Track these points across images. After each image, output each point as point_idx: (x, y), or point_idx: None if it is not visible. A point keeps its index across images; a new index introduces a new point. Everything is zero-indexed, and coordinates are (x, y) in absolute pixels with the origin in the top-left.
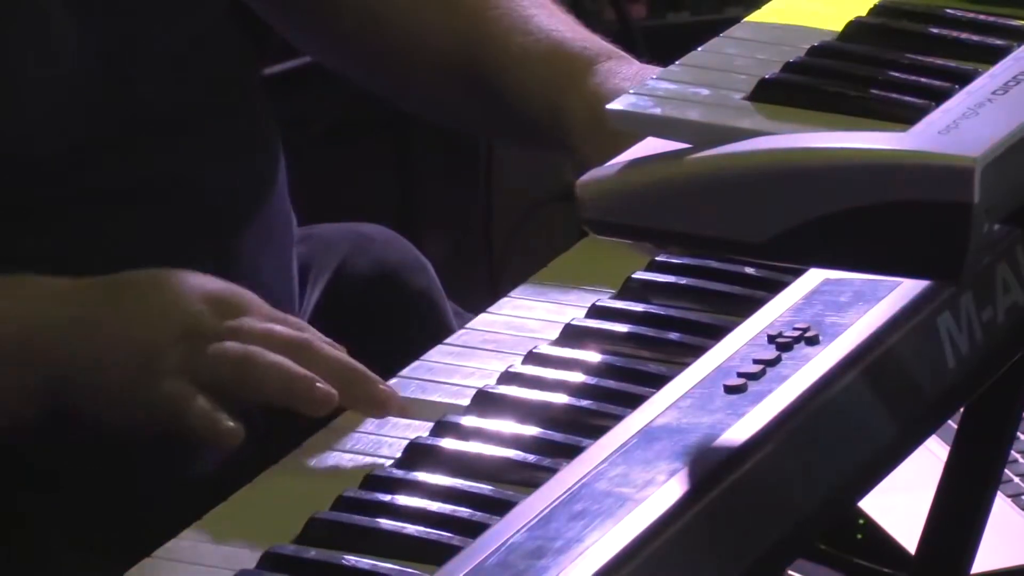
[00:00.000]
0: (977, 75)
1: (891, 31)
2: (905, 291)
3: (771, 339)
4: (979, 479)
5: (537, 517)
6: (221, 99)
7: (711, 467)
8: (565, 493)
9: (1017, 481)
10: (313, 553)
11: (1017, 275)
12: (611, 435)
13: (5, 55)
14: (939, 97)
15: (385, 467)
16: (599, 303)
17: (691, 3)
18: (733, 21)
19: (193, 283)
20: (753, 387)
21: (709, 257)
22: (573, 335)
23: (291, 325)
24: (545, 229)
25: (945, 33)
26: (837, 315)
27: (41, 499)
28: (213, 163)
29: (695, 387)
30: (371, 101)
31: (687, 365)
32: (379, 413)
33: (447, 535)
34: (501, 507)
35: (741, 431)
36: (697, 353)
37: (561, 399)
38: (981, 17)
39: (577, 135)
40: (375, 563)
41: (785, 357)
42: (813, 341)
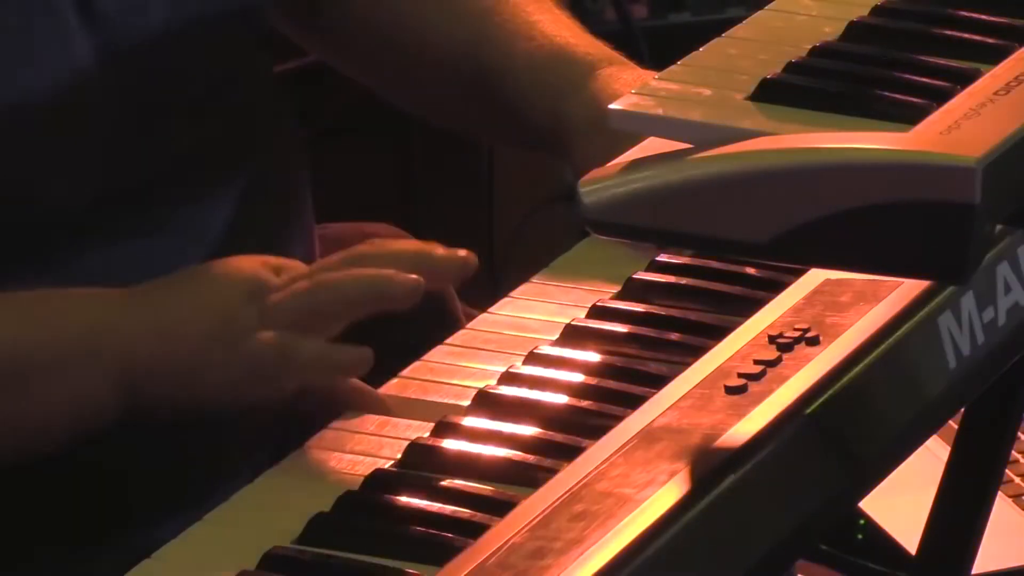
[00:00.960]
0: (979, 75)
1: (892, 31)
2: (906, 291)
3: (772, 339)
4: (980, 479)
5: (538, 517)
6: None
7: (712, 468)
8: (566, 493)
9: (1018, 481)
10: (314, 553)
11: (1018, 275)
12: (612, 435)
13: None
14: (941, 97)
15: (386, 467)
16: (600, 303)
17: (692, 3)
18: (734, 21)
19: (243, 258)
20: (753, 387)
21: (710, 257)
22: (574, 335)
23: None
24: (546, 229)
25: (946, 33)
26: (838, 315)
27: (43, 499)
28: (237, 204)
29: (696, 387)
30: (372, 102)
31: (688, 365)
32: (462, 277)
33: (448, 535)
34: (502, 507)
35: (742, 431)
36: (698, 353)
37: (562, 399)
38: (983, 17)
39: (577, 140)
40: (376, 563)
41: (786, 357)
42: (814, 341)
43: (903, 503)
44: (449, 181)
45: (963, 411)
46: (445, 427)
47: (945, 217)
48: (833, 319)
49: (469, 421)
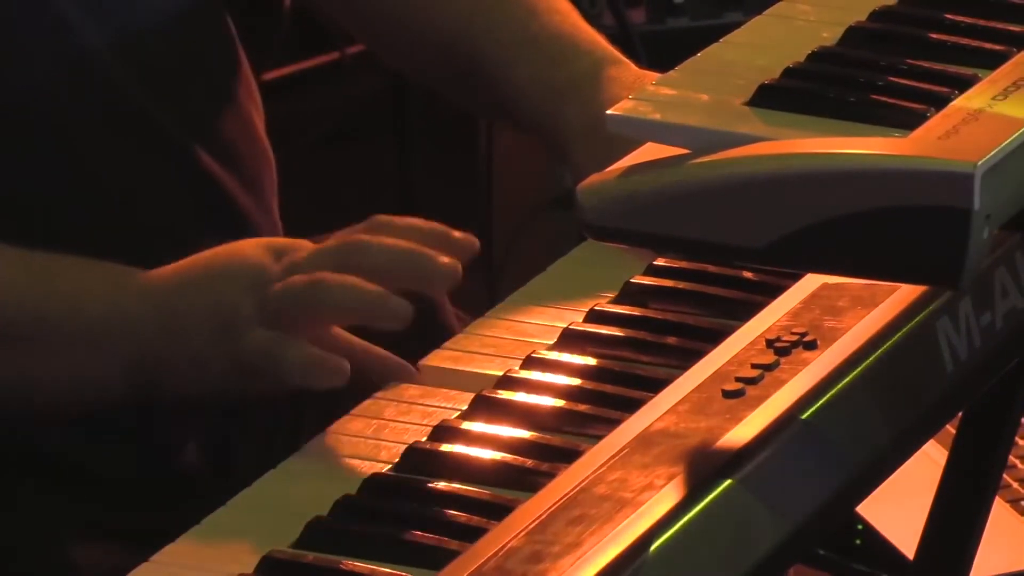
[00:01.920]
0: (977, 80)
1: (891, 36)
2: (903, 296)
3: (769, 344)
4: (977, 484)
5: (535, 521)
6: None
7: (709, 472)
8: (563, 498)
9: (1015, 486)
10: (312, 557)
11: (1016, 280)
12: (609, 439)
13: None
14: (939, 103)
15: (384, 471)
16: (598, 307)
17: (690, 8)
18: (732, 26)
19: (247, 242)
20: (751, 392)
21: (707, 261)
22: (571, 339)
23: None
24: (544, 233)
25: (945, 38)
26: (835, 320)
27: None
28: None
29: (693, 391)
30: (371, 104)
31: (685, 369)
32: (453, 280)
33: (445, 539)
34: (499, 511)
35: (739, 436)
36: (695, 357)
37: (559, 403)
38: (980, 23)
39: (575, 144)
40: (374, 567)
41: (783, 362)
42: (811, 346)
43: (900, 508)
44: (447, 185)
45: (960, 416)
46: (443, 431)
47: (943, 222)
48: (830, 323)
49: (467, 425)
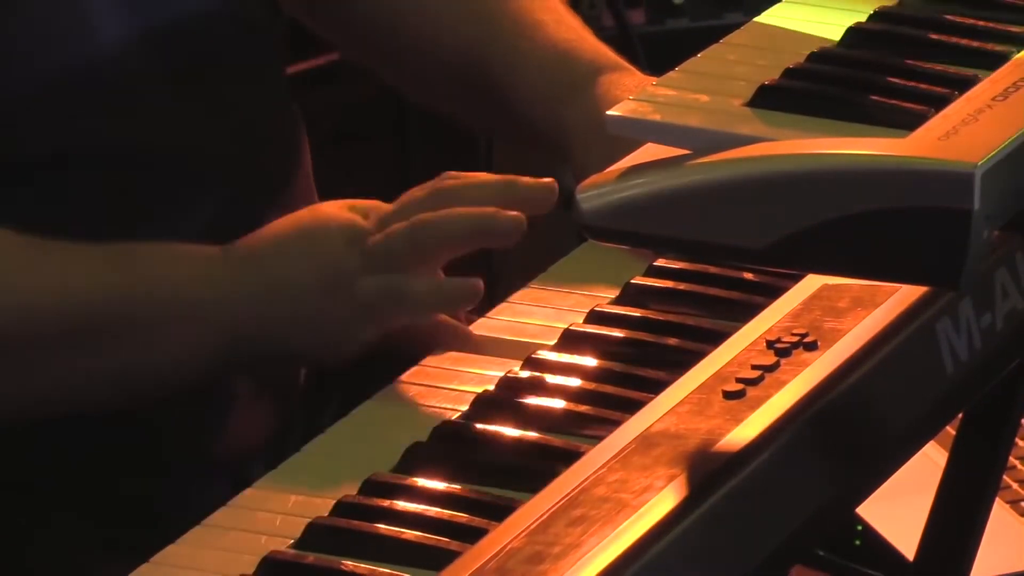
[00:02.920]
0: (977, 81)
1: (891, 37)
2: (904, 296)
3: (770, 344)
4: (977, 485)
5: (536, 522)
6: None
7: (709, 473)
8: (564, 498)
9: (1015, 487)
10: (312, 558)
11: (1016, 281)
12: (610, 440)
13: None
14: (939, 103)
15: (384, 472)
16: (598, 308)
17: (690, 9)
18: (732, 27)
19: (328, 204)
20: (752, 392)
21: (708, 262)
22: (572, 340)
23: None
24: (544, 234)
25: (944, 39)
26: (836, 320)
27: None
28: (227, 120)
29: (693, 392)
30: (371, 104)
31: (686, 370)
32: (548, 204)
33: (446, 540)
34: (500, 512)
35: (739, 437)
36: (696, 358)
37: (560, 404)
38: (980, 23)
39: (576, 146)
40: (374, 568)
41: (784, 363)
42: (812, 346)
43: (901, 509)
44: None
45: (961, 417)
46: (443, 431)
47: (943, 223)
48: (831, 324)
49: (467, 425)
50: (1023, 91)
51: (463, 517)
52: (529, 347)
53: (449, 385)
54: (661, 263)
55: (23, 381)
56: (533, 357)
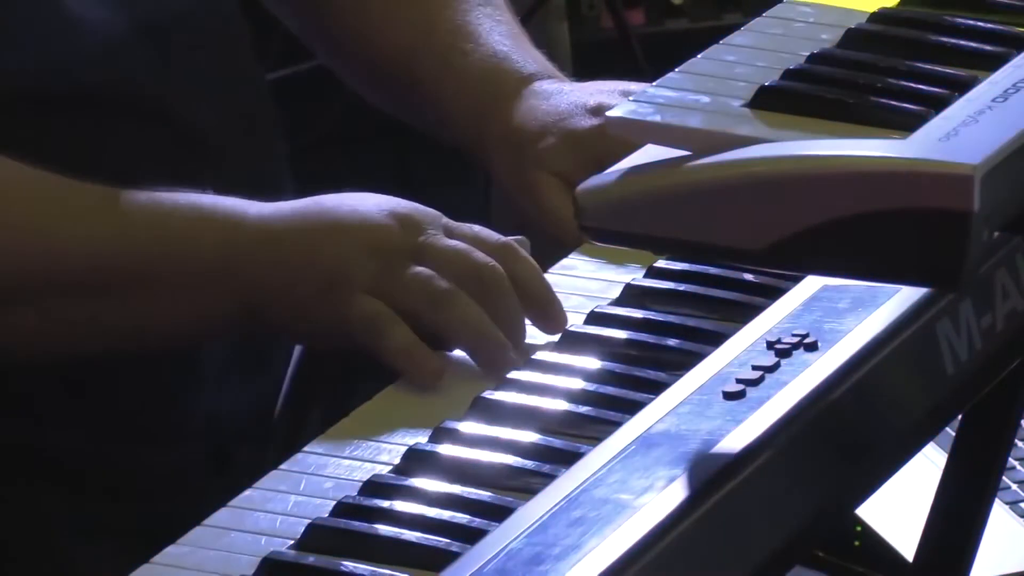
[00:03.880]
0: (976, 82)
1: (890, 38)
2: (904, 298)
3: (770, 345)
4: (977, 486)
5: (535, 523)
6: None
7: (710, 474)
8: (563, 499)
9: (1015, 488)
10: (312, 559)
11: (1016, 282)
12: (610, 441)
13: None
14: (938, 104)
15: (384, 473)
16: (598, 309)
17: (689, 10)
18: (731, 28)
19: (377, 200)
20: (752, 393)
21: (708, 263)
22: (571, 341)
23: (475, 240)
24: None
25: (944, 40)
26: (836, 321)
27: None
28: (198, 84)
29: (694, 393)
30: (370, 108)
31: (686, 371)
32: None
33: (445, 541)
34: (500, 513)
35: (740, 438)
36: (696, 359)
37: (560, 405)
38: (980, 24)
39: (492, 156)
40: (374, 569)
41: (784, 363)
42: (812, 347)
43: (900, 510)
44: (446, 187)
45: (960, 418)
46: (443, 433)
47: (943, 224)
48: (831, 325)
49: (467, 427)
50: (1023, 93)
51: (463, 518)
52: (529, 347)
53: (449, 385)
54: (661, 264)
55: (39, 324)
56: (533, 358)
